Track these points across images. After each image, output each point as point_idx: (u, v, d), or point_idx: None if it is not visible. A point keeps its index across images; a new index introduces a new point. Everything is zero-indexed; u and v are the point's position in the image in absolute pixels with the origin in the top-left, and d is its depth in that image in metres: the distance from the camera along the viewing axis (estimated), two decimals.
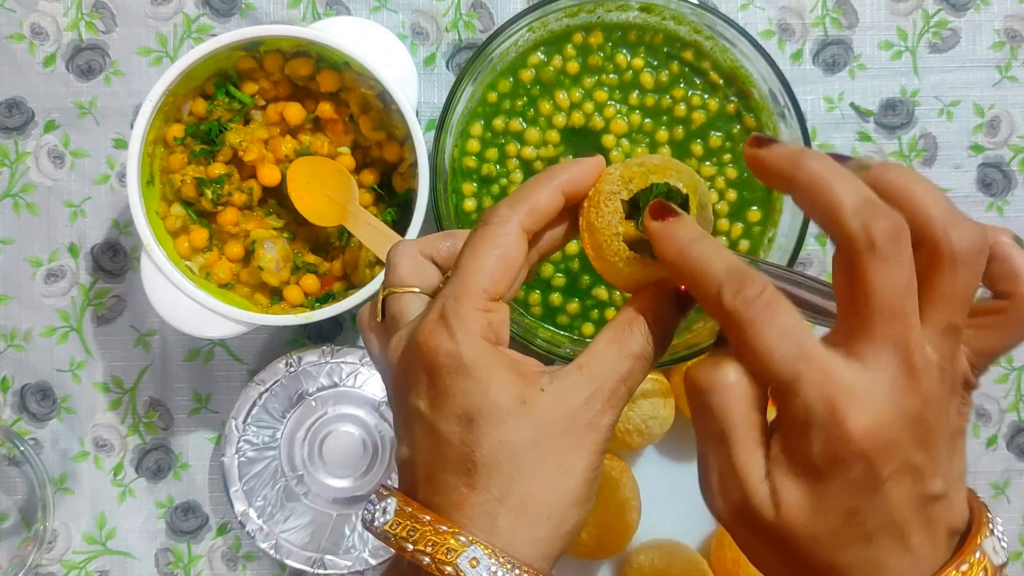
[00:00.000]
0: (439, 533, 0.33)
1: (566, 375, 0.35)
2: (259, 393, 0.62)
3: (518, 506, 0.34)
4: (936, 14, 0.66)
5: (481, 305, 0.35)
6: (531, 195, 0.36)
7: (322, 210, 0.59)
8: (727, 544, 0.61)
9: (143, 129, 0.56)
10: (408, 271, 0.38)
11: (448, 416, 0.34)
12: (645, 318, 0.36)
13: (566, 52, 0.57)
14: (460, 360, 0.34)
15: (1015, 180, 0.66)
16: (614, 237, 0.36)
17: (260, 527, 0.61)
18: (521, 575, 0.33)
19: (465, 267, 0.35)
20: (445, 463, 0.34)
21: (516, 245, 0.36)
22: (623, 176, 0.37)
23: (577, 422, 0.34)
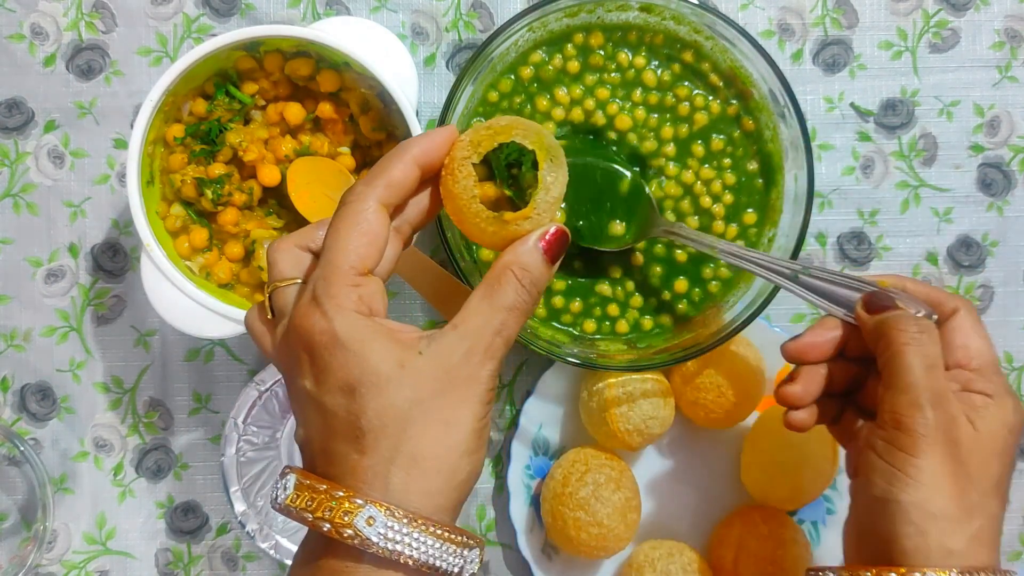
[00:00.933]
0: (335, 499, 0.35)
1: (442, 335, 0.37)
2: (259, 393, 0.62)
3: (408, 464, 0.35)
4: (936, 14, 0.66)
5: (350, 281, 0.37)
6: (385, 171, 0.38)
7: (322, 210, 0.59)
8: (727, 544, 0.61)
9: (143, 129, 0.56)
10: (287, 265, 0.40)
11: (331, 390, 0.36)
12: (513, 272, 0.38)
13: (566, 52, 0.57)
14: (335, 335, 0.36)
15: (1015, 180, 0.66)
16: (472, 200, 0.38)
17: (260, 527, 0.61)
18: (417, 527, 0.35)
19: (330, 248, 0.37)
20: (335, 434, 0.36)
21: (376, 219, 0.37)
22: (472, 141, 0.39)
23: (457, 376, 0.36)
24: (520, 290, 0.37)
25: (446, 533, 0.35)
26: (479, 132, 0.39)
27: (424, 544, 0.35)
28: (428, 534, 0.35)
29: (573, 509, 0.59)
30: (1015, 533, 0.66)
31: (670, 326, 0.58)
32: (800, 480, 0.60)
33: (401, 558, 0.34)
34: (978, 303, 0.66)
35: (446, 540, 0.35)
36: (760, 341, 0.63)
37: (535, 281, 0.38)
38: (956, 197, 0.66)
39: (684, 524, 0.65)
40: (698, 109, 0.57)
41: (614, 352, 0.57)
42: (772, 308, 0.55)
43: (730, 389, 0.59)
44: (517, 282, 0.37)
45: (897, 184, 0.66)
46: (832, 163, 0.66)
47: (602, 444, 0.62)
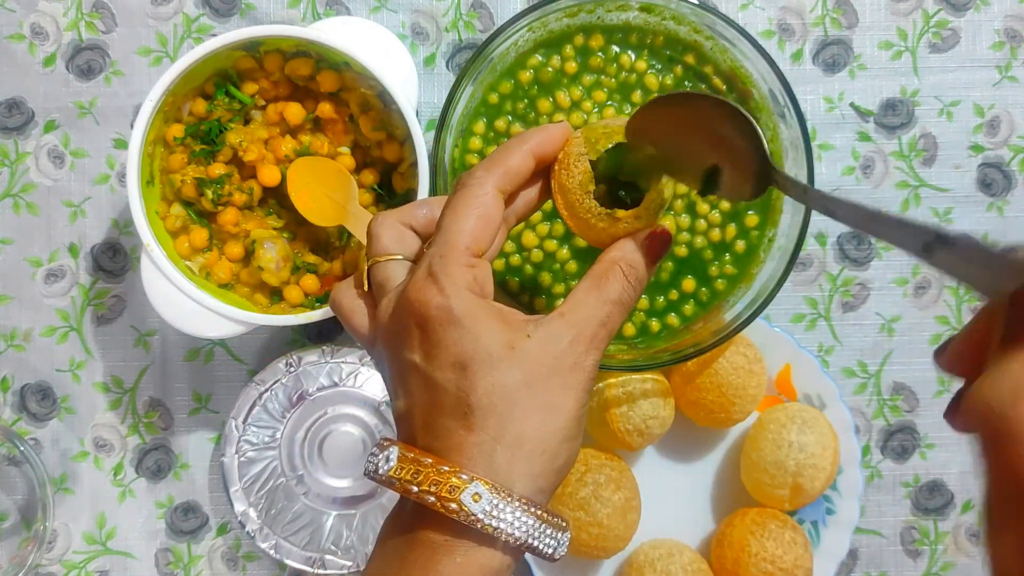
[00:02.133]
0: (441, 473, 0.35)
1: (549, 321, 0.37)
2: (259, 393, 0.62)
3: (513, 444, 0.36)
4: (936, 14, 0.66)
5: (466, 261, 0.37)
6: (505, 158, 0.39)
7: (322, 210, 0.59)
8: (727, 544, 0.61)
9: (143, 129, 0.56)
10: (390, 240, 0.40)
11: (442, 365, 0.36)
12: (620, 267, 0.38)
13: (565, 53, 0.57)
14: (450, 312, 0.36)
15: (1015, 180, 0.66)
16: (585, 196, 0.39)
17: (260, 527, 0.61)
18: (520, 506, 0.35)
19: (448, 227, 0.38)
20: (442, 409, 0.36)
21: (494, 204, 0.38)
22: (588, 138, 0.39)
23: (563, 363, 0.37)
24: (626, 285, 0.38)
25: (545, 514, 0.36)
26: (595, 130, 0.40)
27: (526, 524, 0.35)
28: (529, 514, 0.35)
29: (573, 509, 0.59)
30: None
31: (677, 327, 0.58)
32: (800, 480, 0.60)
33: (503, 536, 0.35)
34: (978, 303, 0.66)
35: (545, 521, 0.36)
36: (760, 341, 0.63)
37: (640, 278, 0.39)
38: (956, 197, 0.66)
39: (684, 524, 0.65)
40: None
41: (614, 352, 0.57)
42: (772, 308, 0.55)
43: (730, 389, 0.59)
44: (624, 277, 0.38)
45: (897, 184, 0.66)
46: (832, 163, 0.66)
47: (602, 444, 0.62)
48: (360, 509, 0.62)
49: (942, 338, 0.66)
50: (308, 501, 0.62)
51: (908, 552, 0.66)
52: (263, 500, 0.62)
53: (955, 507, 0.66)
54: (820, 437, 0.60)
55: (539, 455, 0.36)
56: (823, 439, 0.60)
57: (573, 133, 0.40)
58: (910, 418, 0.66)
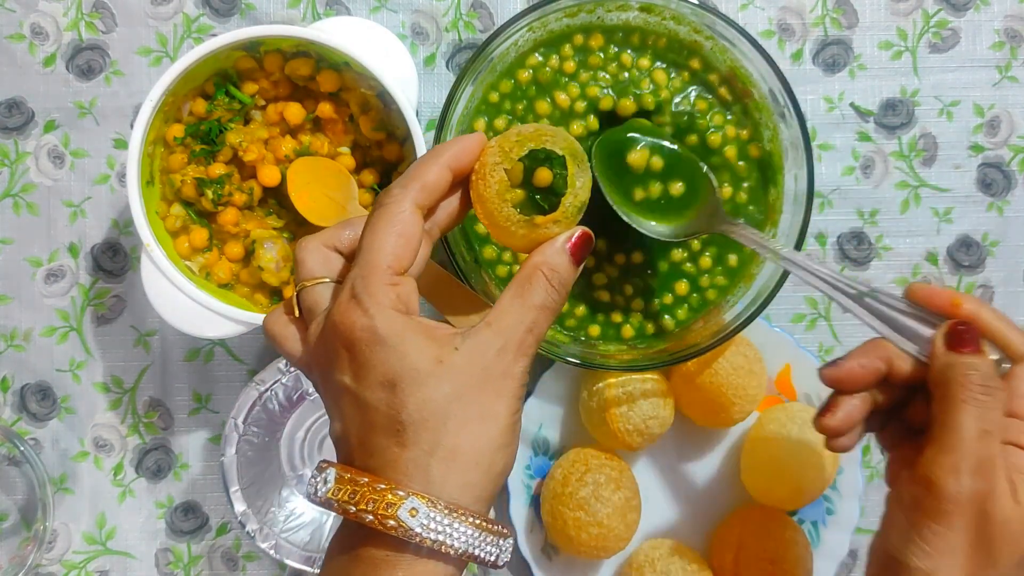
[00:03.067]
0: (377, 491, 0.35)
1: (476, 333, 0.38)
2: (259, 393, 0.62)
3: (448, 456, 0.36)
4: (936, 14, 0.66)
5: (388, 280, 0.37)
6: (420, 174, 0.39)
7: (322, 210, 0.59)
8: (727, 544, 0.61)
9: (143, 129, 0.56)
10: (315, 263, 0.41)
11: (372, 385, 0.36)
12: (542, 272, 0.39)
13: (564, 52, 0.57)
14: (375, 332, 0.36)
15: (1015, 180, 0.66)
16: (503, 204, 0.40)
17: (260, 527, 0.61)
18: (458, 518, 0.36)
19: (368, 247, 0.38)
20: (375, 428, 0.37)
21: (412, 221, 0.39)
22: (502, 147, 0.40)
23: (492, 373, 0.37)
24: (550, 289, 0.39)
25: (484, 523, 0.37)
26: (508, 139, 0.40)
27: (464, 534, 0.36)
28: (468, 524, 0.36)
29: (573, 509, 0.59)
30: None
31: (672, 328, 0.58)
32: (800, 480, 0.60)
33: (443, 548, 0.35)
34: None
35: (484, 530, 0.37)
36: (760, 341, 0.63)
37: (563, 281, 0.39)
38: (956, 197, 0.66)
39: (684, 524, 0.65)
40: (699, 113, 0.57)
41: (614, 352, 0.57)
42: (772, 308, 0.55)
43: (730, 389, 0.59)
44: (547, 282, 0.39)
45: (897, 184, 0.66)
46: (832, 163, 0.66)
47: (602, 444, 0.62)
48: None
49: None
50: (308, 501, 0.62)
51: None
52: (263, 500, 0.62)
53: None
54: (820, 437, 0.60)
55: (474, 465, 0.37)
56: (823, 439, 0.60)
57: (488, 143, 0.41)
58: None
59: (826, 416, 0.45)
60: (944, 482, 0.39)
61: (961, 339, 0.41)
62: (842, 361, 0.44)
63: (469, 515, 0.36)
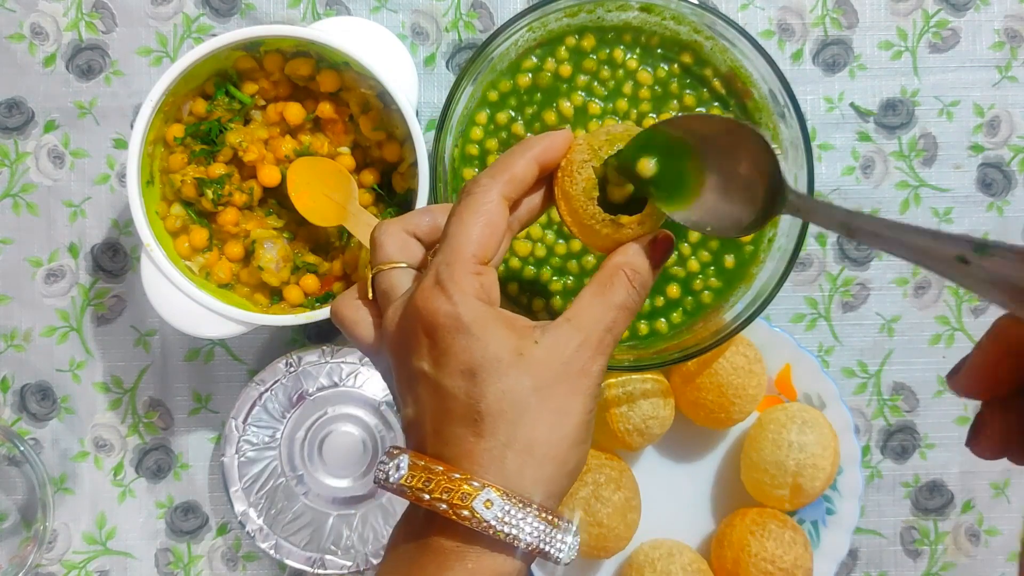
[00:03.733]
0: (453, 481, 0.35)
1: (556, 327, 0.37)
2: (259, 393, 0.62)
3: (524, 449, 0.36)
4: (936, 14, 0.66)
5: (472, 269, 0.37)
6: (509, 166, 0.39)
7: (322, 210, 0.59)
8: (727, 544, 0.61)
9: (143, 129, 0.56)
10: (394, 248, 0.40)
11: (452, 372, 0.36)
12: (624, 272, 0.39)
13: (559, 55, 0.57)
14: (459, 319, 0.36)
15: (1015, 180, 0.66)
16: (589, 202, 0.39)
17: (260, 527, 0.61)
18: (532, 512, 0.35)
19: (454, 235, 0.38)
20: (452, 416, 0.36)
21: (499, 212, 0.38)
22: (591, 145, 0.40)
23: (571, 369, 0.37)
24: (631, 290, 0.39)
25: (555, 519, 0.36)
26: (597, 137, 0.40)
27: (536, 529, 0.35)
28: (540, 519, 0.36)
29: (573, 509, 0.59)
30: (1015, 533, 0.66)
31: (665, 332, 0.58)
32: (800, 480, 0.60)
33: (515, 541, 0.35)
34: (978, 303, 0.66)
35: (556, 526, 0.36)
36: (760, 341, 0.63)
37: (644, 283, 0.39)
38: (956, 197, 0.66)
39: (684, 524, 0.65)
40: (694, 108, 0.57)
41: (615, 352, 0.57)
42: (772, 308, 0.55)
43: (730, 389, 0.59)
44: (628, 282, 0.39)
45: (897, 184, 0.66)
46: (832, 163, 0.66)
47: (602, 444, 0.62)
48: (360, 509, 0.62)
49: (941, 339, 0.66)
50: (308, 501, 0.62)
51: (908, 552, 0.66)
52: (263, 500, 0.62)
53: (955, 507, 0.66)
54: (820, 437, 0.60)
55: (549, 460, 0.36)
56: (823, 439, 0.60)
57: (576, 140, 0.40)
58: (910, 418, 0.66)
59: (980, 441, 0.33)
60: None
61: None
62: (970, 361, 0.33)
63: (542, 510, 0.36)
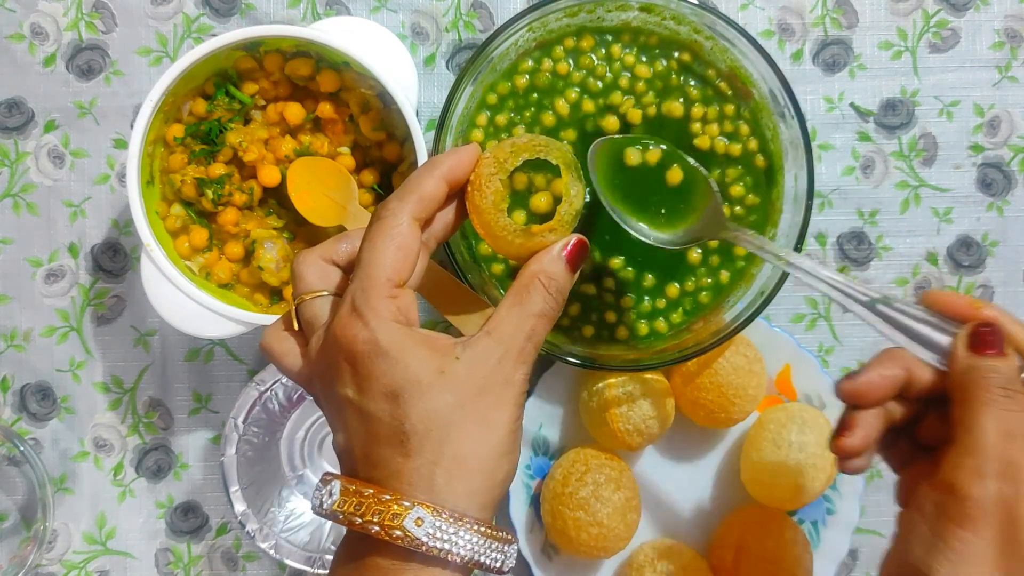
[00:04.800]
0: (383, 502, 0.36)
1: (476, 342, 0.38)
2: (259, 393, 0.62)
3: (451, 465, 0.36)
4: (936, 14, 0.66)
5: (387, 292, 0.38)
6: (417, 186, 0.40)
7: (322, 210, 0.59)
8: (727, 544, 0.61)
9: (143, 129, 0.56)
10: (314, 277, 0.41)
11: (375, 397, 0.37)
12: (540, 280, 0.39)
13: (555, 53, 0.57)
14: (377, 344, 0.37)
15: (1015, 180, 0.66)
16: (499, 214, 0.40)
17: (260, 527, 0.61)
18: (463, 526, 0.36)
19: (368, 261, 0.38)
20: (379, 439, 0.37)
21: (410, 233, 0.39)
22: (497, 158, 0.41)
23: (493, 381, 0.38)
24: (548, 297, 0.39)
25: (489, 531, 0.37)
26: (503, 150, 0.41)
27: (470, 542, 0.36)
28: (473, 532, 0.36)
29: (573, 509, 0.59)
30: None
31: (665, 333, 0.58)
32: (800, 480, 0.60)
33: (449, 556, 0.36)
34: None
35: (489, 537, 0.37)
36: (760, 341, 0.63)
37: (560, 288, 0.40)
38: (956, 197, 0.66)
39: (684, 524, 0.65)
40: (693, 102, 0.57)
41: (615, 352, 0.57)
42: (772, 308, 0.55)
43: (730, 389, 0.59)
44: (544, 290, 0.39)
45: (897, 184, 0.66)
46: (832, 163, 0.66)
47: (602, 444, 0.62)
48: None
49: None
50: (308, 501, 0.62)
51: None
52: (263, 500, 0.62)
53: None
54: (820, 437, 0.60)
55: (478, 473, 0.37)
56: (823, 439, 0.60)
57: (483, 154, 0.41)
58: None
59: (844, 436, 0.43)
60: (968, 485, 0.38)
61: (984, 341, 0.40)
62: (859, 374, 0.42)
63: (474, 523, 0.36)
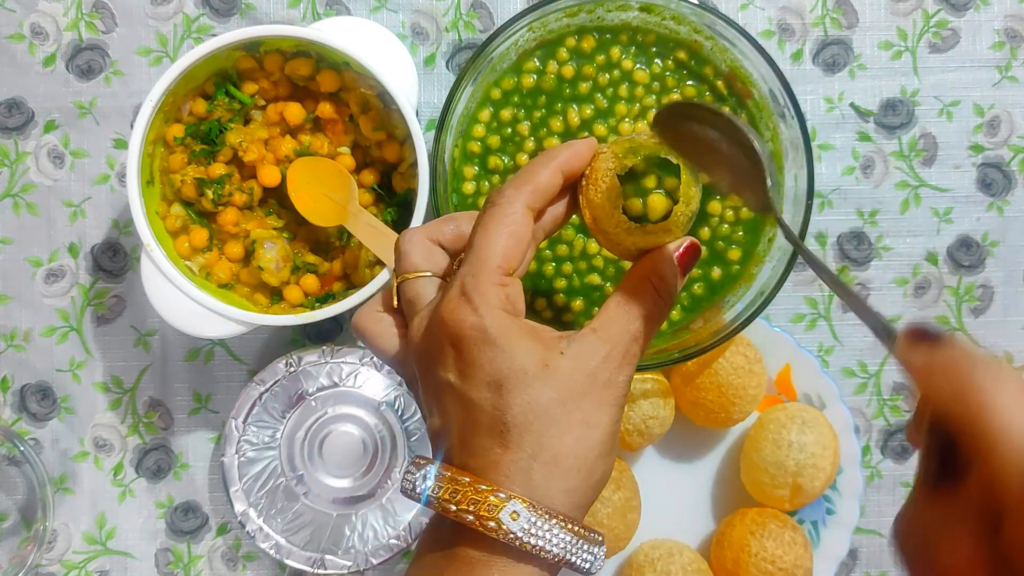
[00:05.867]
0: (479, 492, 0.35)
1: (582, 338, 0.37)
2: (259, 393, 0.62)
3: (550, 461, 0.36)
4: (936, 14, 0.66)
5: (497, 280, 0.37)
6: (533, 176, 0.39)
7: (322, 210, 0.59)
8: (727, 544, 0.61)
9: (143, 129, 0.56)
10: (419, 257, 0.40)
11: (478, 384, 0.36)
12: (651, 281, 0.38)
13: (560, 56, 0.56)
14: (485, 331, 0.36)
15: (1015, 180, 0.66)
16: (614, 210, 0.39)
17: (260, 527, 0.61)
18: (558, 523, 0.35)
19: (479, 246, 0.38)
20: (478, 428, 0.36)
21: (524, 222, 0.38)
22: (615, 153, 0.39)
23: (597, 380, 0.37)
24: (657, 300, 0.38)
25: (582, 530, 0.36)
26: (621, 145, 0.40)
27: (563, 540, 0.36)
28: (567, 530, 0.36)
29: None
30: None
31: (665, 331, 0.58)
32: (800, 480, 0.60)
33: (541, 553, 0.35)
34: (978, 303, 0.66)
35: (582, 537, 0.36)
36: (760, 341, 0.63)
37: (670, 291, 0.39)
38: (956, 197, 0.66)
39: (684, 524, 0.65)
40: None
41: None
42: (772, 308, 0.55)
43: (730, 389, 0.59)
44: (655, 292, 0.38)
45: (897, 184, 0.66)
46: (832, 163, 0.66)
47: None
48: (360, 509, 0.62)
49: None
50: (308, 501, 0.62)
51: None
52: (263, 500, 0.62)
53: None
54: (820, 437, 0.60)
55: (576, 471, 0.36)
56: (823, 439, 0.60)
57: (600, 147, 0.40)
58: (910, 418, 0.66)
59: None
60: None
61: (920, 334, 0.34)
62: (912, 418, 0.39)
63: (568, 521, 0.36)
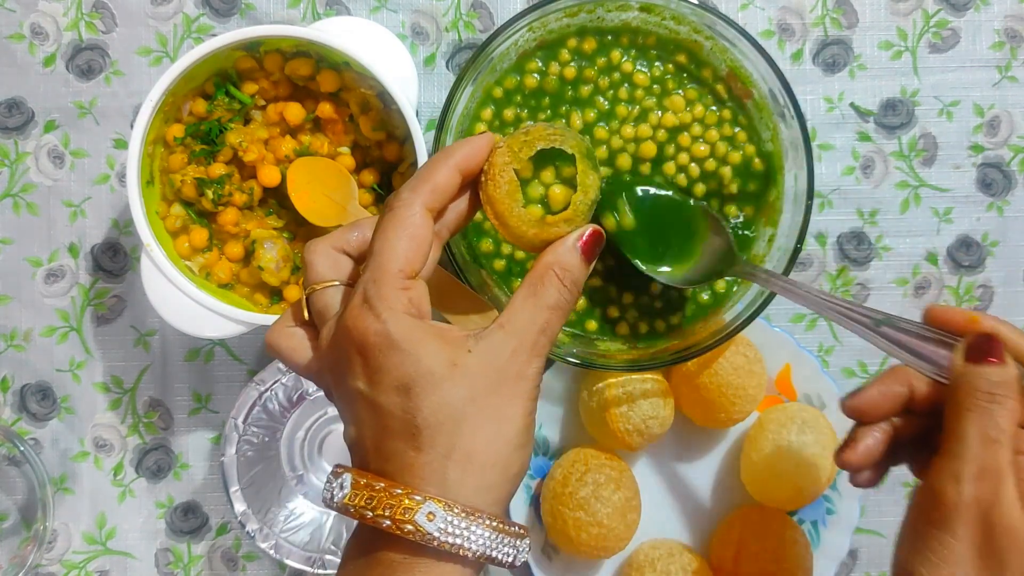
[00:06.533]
0: (394, 496, 0.35)
1: (489, 335, 0.37)
2: (259, 393, 0.62)
3: (464, 459, 0.36)
4: (936, 14, 0.66)
5: (399, 284, 0.37)
6: (430, 176, 0.39)
7: (322, 210, 0.59)
8: (727, 544, 0.61)
9: (143, 129, 0.56)
10: (325, 267, 0.40)
11: (386, 389, 0.36)
12: (554, 271, 0.39)
13: (562, 57, 0.56)
14: (389, 337, 0.36)
15: (1015, 180, 0.66)
16: (514, 204, 0.40)
17: (260, 527, 0.61)
18: (475, 521, 0.36)
19: (379, 251, 0.38)
20: (390, 432, 0.36)
21: (423, 224, 0.38)
22: (511, 147, 0.40)
23: (507, 374, 0.37)
24: (562, 289, 0.39)
25: (501, 525, 0.37)
26: (517, 139, 0.40)
27: (482, 537, 0.36)
28: (485, 527, 0.36)
29: (573, 509, 0.59)
30: None
31: (664, 331, 0.58)
32: (800, 480, 0.60)
33: (460, 551, 0.35)
34: (978, 303, 0.66)
35: (502, 531, 0.36)
36: (760, 341, 0.63)
37: (575, 280, 0.39)
38: (956, 197, 0.66)
39: (684, 524, 0.65)
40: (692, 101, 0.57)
41: (614, 352, 0.57)
42: (772, 308, 0.55)
43: (730, 389, 0.59)
44: (559, 281, 0.39)
45: (897, 184, 0.66)
46: (832, 163, 0.66)
47: (602, 444, 0.62)
48: None
49: None
50: (308, 501, 0.62)
51: None
52: (263, 500, 0.62)
53: None
54: (820, 437, 0.60)
55: (491, 467, 0.37)
56: (823, 439, 0.60)
57: (497, 143, 0.41)
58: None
59: (847, 451, 0.44)
60: (945, 489, 0.39)
61: (980, 351, 0.41)
62: (863, 391, 0.44)
63: (486, 517, 0.36)
